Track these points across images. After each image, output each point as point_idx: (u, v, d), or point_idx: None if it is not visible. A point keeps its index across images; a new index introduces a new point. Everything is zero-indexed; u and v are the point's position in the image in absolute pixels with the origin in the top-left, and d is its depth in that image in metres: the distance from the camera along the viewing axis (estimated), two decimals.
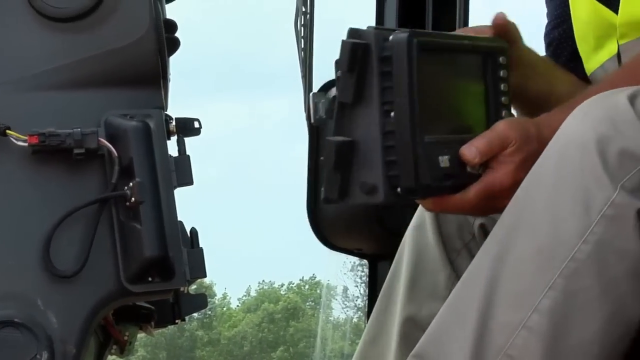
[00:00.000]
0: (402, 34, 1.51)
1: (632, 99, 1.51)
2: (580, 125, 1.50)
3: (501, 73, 1.68)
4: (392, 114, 1.51)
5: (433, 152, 1.55)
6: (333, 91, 1.55)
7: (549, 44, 2.13)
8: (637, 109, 1.50)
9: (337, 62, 1.53)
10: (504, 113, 1.68)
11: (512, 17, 1.79)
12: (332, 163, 1.54)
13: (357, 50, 1.50)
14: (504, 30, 1.77)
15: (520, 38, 1.81)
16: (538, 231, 1.49)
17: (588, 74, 2.00)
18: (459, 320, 1.53)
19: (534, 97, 1.87)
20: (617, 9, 1.89)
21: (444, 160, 1.56)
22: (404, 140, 1.51)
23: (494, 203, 1.64)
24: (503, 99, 1.68)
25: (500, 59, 1.68)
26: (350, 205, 1.61)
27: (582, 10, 1.98)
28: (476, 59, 1.67)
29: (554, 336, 1.47)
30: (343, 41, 1.52)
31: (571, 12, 2.03)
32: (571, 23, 2.04)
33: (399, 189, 1.53)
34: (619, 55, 1.91)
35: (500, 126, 1.63)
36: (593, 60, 1.99)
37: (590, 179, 1.47)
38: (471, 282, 1.55)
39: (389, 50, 1.51)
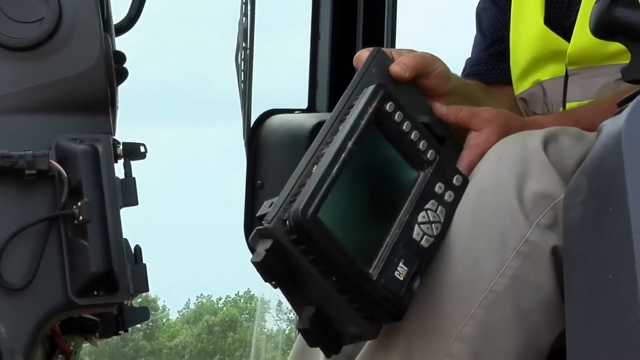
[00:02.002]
0: (294, 212, 1.36)
1: (544, 143, 1.53)
2: (495, 168, 1.52)
3: (395, 118, 1.48)
4: (333, 277, 1.39)
5: (388, 278, 1.41)
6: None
7: (477, 62, 2.14)
8: (548, 152, 1.52)
9: (264, 276, 1.40)
10: (420, 145, 1.50)
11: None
12: (315, 338, 1.42)
13: (272, 257, 1.37)
14: (424, 73, 1.62)
15: (446, 69, 1.66)
16: (460, 265, 1.49)
17: (517, 91, 2.02)
18: (385, 347, 1.52)
19: None
20: (565, 36, 1.91)
21: (401, 271, 1.43)
22: (359, 292, 1.40)
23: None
24: (412, 136, 1.49)
25: (387, 107, 1.48)
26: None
27: (527, 34, 2.00)
28: (370, 134, 1.46)
29: None
30: (258, 263, 1.37)
31: (511, 34, 2.05)
32: (507, 45, 2.06)
33: (384, 324, 1.44)
34: (566, 77, 1.93)
35: (476, 107, 1.61)
36: (528, 80, 2.00)
37: (506, 218, 1.48)
38: None
39: (293, 232, 1.36)
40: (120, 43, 1.88)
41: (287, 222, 1.37)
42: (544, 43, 1.96)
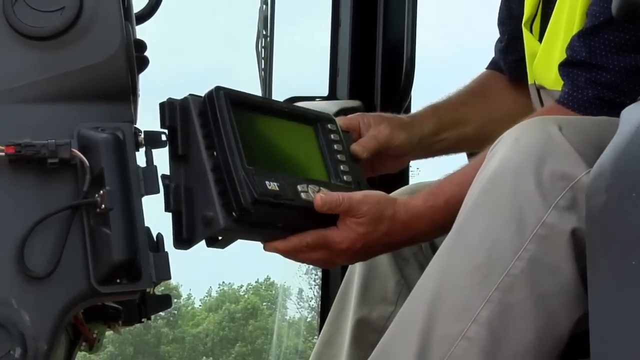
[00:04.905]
0: (211, 91, 1.67)
1: (560, 128, 1.52)
2: (513, 151, 1.51)
3: (332, 136, 1.83)
4: (215, 152, 1.62)
5: (259, 177, 1.62)
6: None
7: (495, 51, 2.13)
8: (565, 135, 1.50)
9: (162, 123, 1.66)
10: (342, 167, 1.79)
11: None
12: (171, 207, 1.65)
13: (176, 110, 1.66)
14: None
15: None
16: (477, 249, 1.49)
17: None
18: (404, 332, 1.52)
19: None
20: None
21: (272, 185, 1.63)
22: (228, 169, 1.61)
23: (328, 256, 1.67)
24: (338, 156, 1.81)
25: (329, 125, 1.84)
26: (196, 244, 1.69)
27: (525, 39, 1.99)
28: (304, 126, 1.81)
29: (492, 346, 1.47)
30: (163, 103, 1.66)
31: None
32: (512, 38, 2.05)
33: (234, 213, 1.60)
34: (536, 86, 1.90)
35: (358, 196, 1.67)
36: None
37: (523, 200, 1.48)
38: (416, 297, 1.54)
39: (204, 104, 1.66)
40: (141, 31, 1.88)
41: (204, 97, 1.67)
42: (527, 44, 1.95)
